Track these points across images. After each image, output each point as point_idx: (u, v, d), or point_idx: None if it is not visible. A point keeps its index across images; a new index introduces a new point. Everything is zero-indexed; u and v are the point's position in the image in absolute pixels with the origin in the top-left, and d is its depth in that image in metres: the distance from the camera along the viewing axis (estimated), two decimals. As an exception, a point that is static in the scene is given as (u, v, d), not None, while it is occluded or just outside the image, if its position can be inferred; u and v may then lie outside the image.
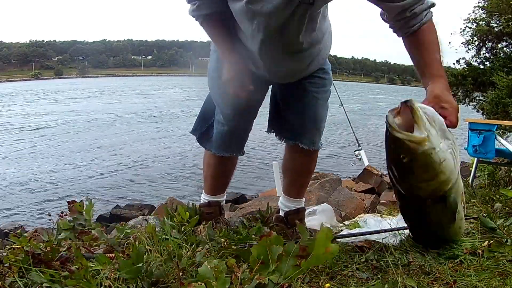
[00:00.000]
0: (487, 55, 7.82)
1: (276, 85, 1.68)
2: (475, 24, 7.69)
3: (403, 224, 1.78)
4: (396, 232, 1.65)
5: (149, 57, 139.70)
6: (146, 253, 1.21)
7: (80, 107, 25.16)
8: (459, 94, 8.13)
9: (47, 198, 7.90)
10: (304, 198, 1.83)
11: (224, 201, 1.92)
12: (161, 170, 10.01)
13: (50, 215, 1.46)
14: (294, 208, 1.77)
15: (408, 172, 1.11)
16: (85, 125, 17.33)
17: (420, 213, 1.25)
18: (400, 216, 1.82)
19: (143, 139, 14.23)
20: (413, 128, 1.03)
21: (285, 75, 1.54)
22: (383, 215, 2.09)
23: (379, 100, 41.90)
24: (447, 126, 1.09)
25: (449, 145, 1.09)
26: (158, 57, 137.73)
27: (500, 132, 5.54)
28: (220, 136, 1.67)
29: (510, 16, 6.75)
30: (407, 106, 1.04)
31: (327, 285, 1.21)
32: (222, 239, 1.37)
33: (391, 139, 1.07)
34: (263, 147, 11.75)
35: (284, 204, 1.81)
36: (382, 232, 1.64)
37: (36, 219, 6.76)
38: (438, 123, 1.06)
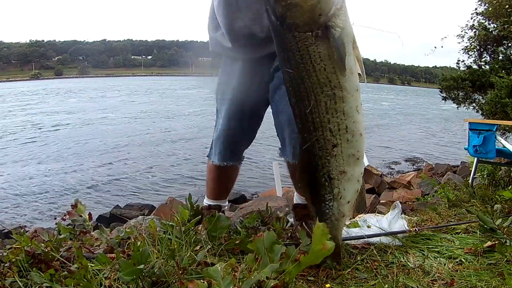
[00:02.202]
0: (488, 58, 7.86)
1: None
2: (474, 31, 7.73)
3: (398, 222, 1.78)
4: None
5: (149, 57, 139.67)
6: (148, 253, 1.21)
7: (104, 105, 25.21)
8: (459, 96, 8.16)
9: (47, 198, 7.90)
10: None
11: (226, 207, 1.92)
12: (162, 170, 10.00)
13: (55, 218, 1.47)
14: (302, 203, 1.74)
15: None
16: (96, 123, 17.37)
17: (301, 58, 0.99)
18: (392, 212, 1.83)
19: (145, 138, 14.23)
20: None
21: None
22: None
23: (384, 100, 41.94)
24: None
25: None
26: (158, 57, 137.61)
27: (500, 133, 5.54)
28: (216, 144, 1.71)
29: (506, 19, 6.78)
30: None
31: (328, 285, 1.21)
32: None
33: None
34: (263, 147, 11.74)
35: (296, 197, 1.82)
36: (381, 235, 1.64)
37: (36, 219, 6.76)
38: None
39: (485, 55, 7.86)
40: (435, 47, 8.31)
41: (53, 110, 22.50)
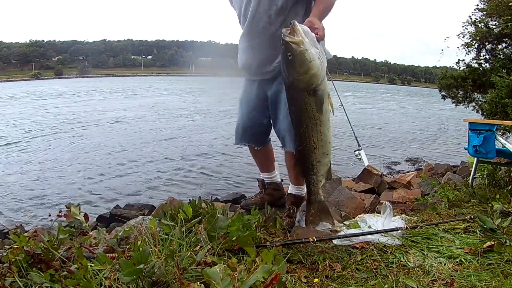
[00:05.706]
0: (487, 56, 7.82)
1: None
2: (474, 27, 7.70)
3: (395, 220, 1.78)
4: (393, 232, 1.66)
5: (149, 57, 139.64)
6: (149, 253, 1.21)
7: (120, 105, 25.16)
8: (459, 95, 8.13)
9: (48, 198, 7.90)
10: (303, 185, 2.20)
11: (271, 178, 2.58)
12: (162, 170, 10.00)
13: (50, 215, 1.47)
14: (294, 193, 2.29)
15: (291, 67, 1.62)
16: (100, 124, 17.37)
17: (300, 104, 1.71)
18: (385, 213, 1.84)
19: (146, 138, 14.22)
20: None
21: (260, 60, 2.06)
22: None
23: (385, 100, 41.80)
24: (317, 39, 1.62)
25: (317, 52, 1.60)
26: (158, 57, 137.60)
27: (500, 133, 5.52)
28: (236, 130, 2.38)
29: (509, 17, 6.75)
30: (291, 25, 1.56)
31: (316, 280, 1.22)
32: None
33: (283, 43, 1.58)
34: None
35: (290, 188, 2.35)
36: (380, 233, 1.64)
37: (36, 219, 6.75)
38: (310, 36, 1.59)
39: (484, 52, 7.83)
40: (442, 50, 8.44)
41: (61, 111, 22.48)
